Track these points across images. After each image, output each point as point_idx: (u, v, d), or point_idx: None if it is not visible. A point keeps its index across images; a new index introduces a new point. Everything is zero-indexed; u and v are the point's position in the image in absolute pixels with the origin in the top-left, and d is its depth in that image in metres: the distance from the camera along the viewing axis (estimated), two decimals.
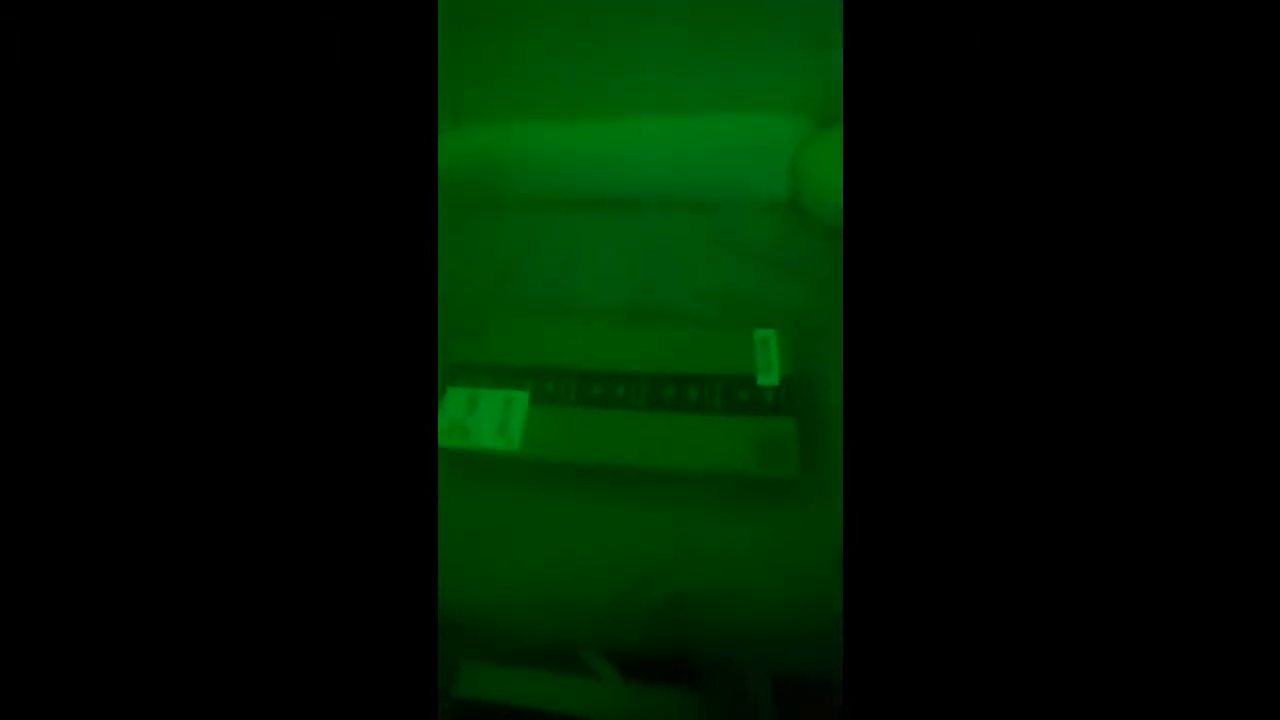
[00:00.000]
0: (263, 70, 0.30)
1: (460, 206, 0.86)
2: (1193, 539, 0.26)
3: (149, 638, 0.28)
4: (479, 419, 0.67)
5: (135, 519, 0.28)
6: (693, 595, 0.60)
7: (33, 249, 0.28)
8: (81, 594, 0.28)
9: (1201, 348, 0.27)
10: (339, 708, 0.29)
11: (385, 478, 0.31)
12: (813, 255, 0.78)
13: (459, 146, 0.87)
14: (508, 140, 0.88)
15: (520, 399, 0.67)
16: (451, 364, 0.71)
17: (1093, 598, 0.27)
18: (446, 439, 0.66)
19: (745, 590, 0.59)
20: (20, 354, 0.28)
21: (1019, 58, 0.29)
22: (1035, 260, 0.28)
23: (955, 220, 0.29)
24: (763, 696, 0.69)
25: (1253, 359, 0.26)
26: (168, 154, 0.30)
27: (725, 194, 0.85)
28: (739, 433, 0.63)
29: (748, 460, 0.61)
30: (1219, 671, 0.26)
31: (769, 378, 0.66)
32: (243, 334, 0.30)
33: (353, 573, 0.30)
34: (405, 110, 0.32)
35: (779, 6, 0.74)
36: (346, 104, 0.31)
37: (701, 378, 0.66)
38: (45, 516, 0.28)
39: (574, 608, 0.62)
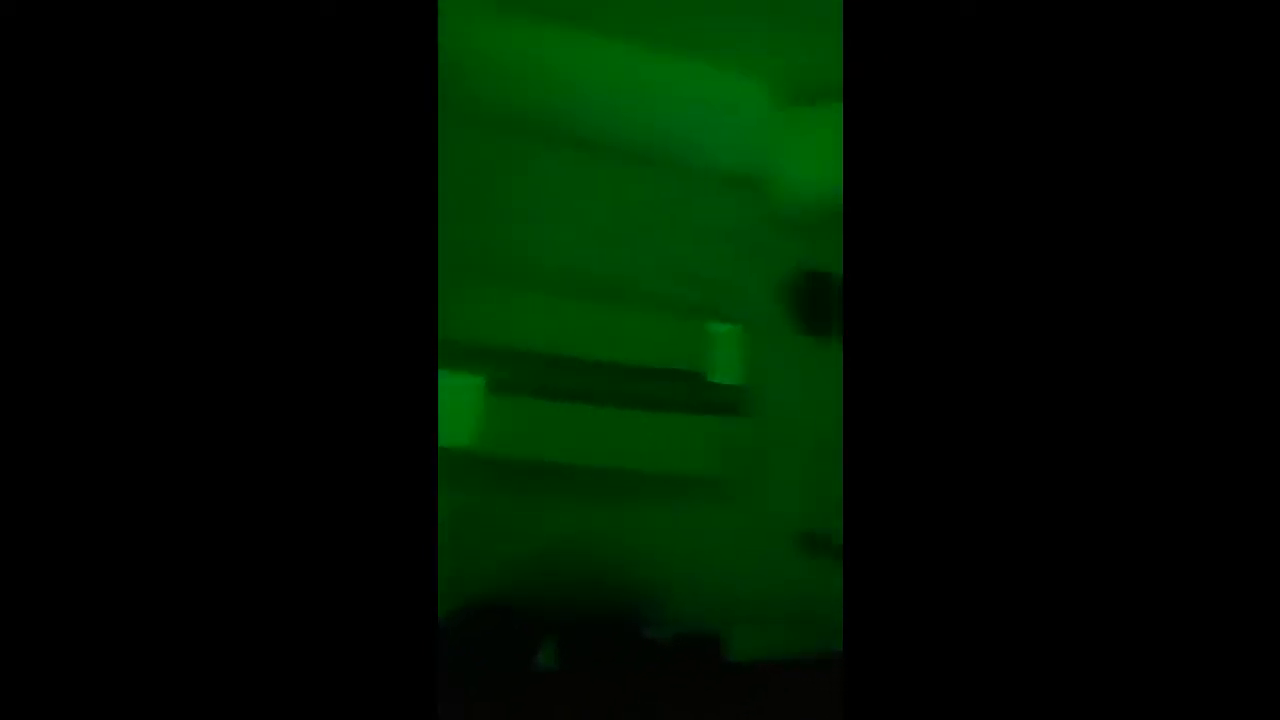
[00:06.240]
0: None
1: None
2: (1192, 541, 0.27)
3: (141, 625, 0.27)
4: None
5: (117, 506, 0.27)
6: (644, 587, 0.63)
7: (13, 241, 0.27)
8: (80, 594, 0.27)
9: (1199, 351, 0.27)
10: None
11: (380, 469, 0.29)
12: (769, 248, 0.77)
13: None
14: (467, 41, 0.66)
15: (474, 385, 0.58)
16: None
17: (1093, 595, 0.27)
18: None
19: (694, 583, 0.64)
20: (14, 352, 0.27)
21: (1022, 54, 0.28)
22: (1042, 269, 0.28)
23: (958, 223, 0.28)
24: None
25: (1253, 367, 0.26)
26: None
27: (690, 152, 0.77)
28: (704, 433, 0.64)
29: (709, 462, 0.63)
30: (1218, 671, 0.26)
31: (729, 376, 0.66)
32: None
33: (346, 571, 0.28)
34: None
35: None
36: None
37: (671, 372, 0.64)
38: (42, 516, 0.26)
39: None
